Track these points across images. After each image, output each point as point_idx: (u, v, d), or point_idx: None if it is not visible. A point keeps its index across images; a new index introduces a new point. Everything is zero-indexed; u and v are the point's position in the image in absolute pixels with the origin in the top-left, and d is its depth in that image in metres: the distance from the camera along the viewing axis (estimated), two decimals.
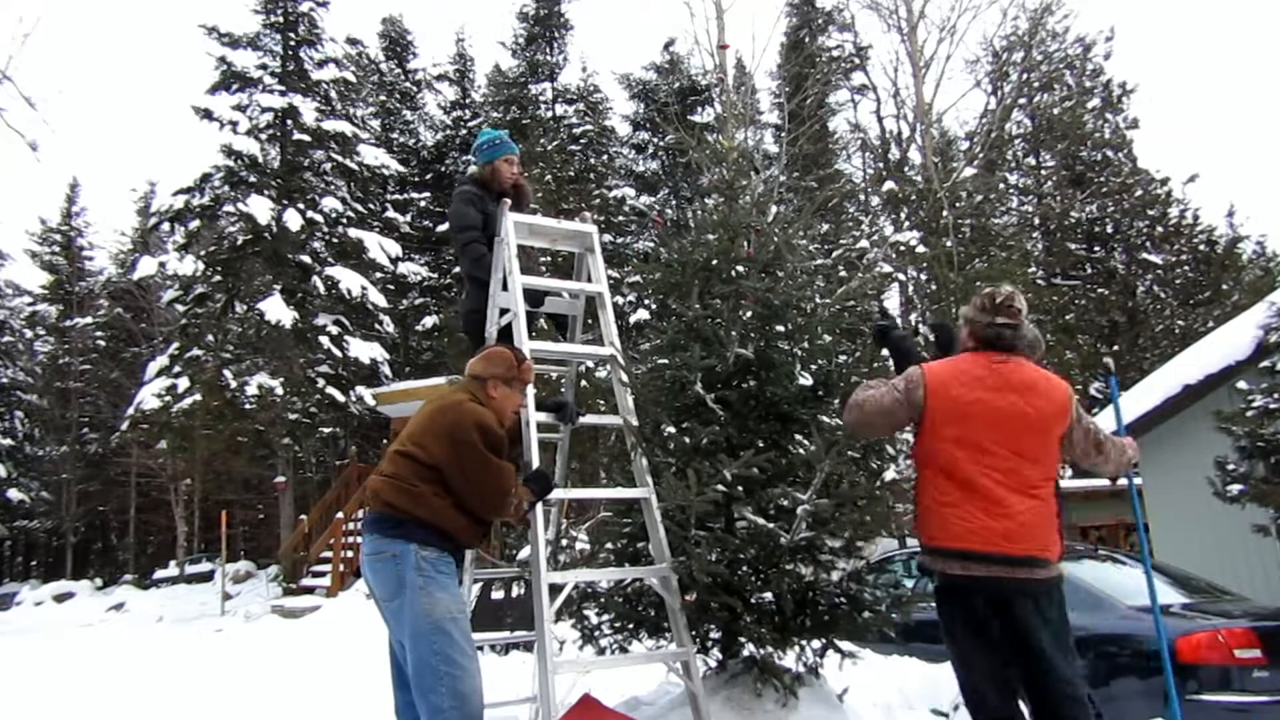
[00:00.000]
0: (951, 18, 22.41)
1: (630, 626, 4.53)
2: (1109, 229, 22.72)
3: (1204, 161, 58.63)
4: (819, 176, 24.97)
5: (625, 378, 4.27)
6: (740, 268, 4.62)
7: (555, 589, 3.80)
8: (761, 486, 4.20)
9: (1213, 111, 63.81)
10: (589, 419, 4.67)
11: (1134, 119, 24.33)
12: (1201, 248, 22.31)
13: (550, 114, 28.70)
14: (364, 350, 20.07)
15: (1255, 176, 53.22)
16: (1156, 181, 22.35)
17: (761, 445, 4.15)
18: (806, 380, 4.50)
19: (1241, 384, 9.09)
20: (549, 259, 17.28)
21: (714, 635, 4.47)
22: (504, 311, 4.35)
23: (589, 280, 4.58)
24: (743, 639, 4.30)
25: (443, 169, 28.75)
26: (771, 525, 4.05)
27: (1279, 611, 5.67)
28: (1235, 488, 8.72)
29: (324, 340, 19.64)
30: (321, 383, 19.72)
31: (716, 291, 4.53)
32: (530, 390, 3.91)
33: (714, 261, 4.60)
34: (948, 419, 3.26)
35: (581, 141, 27.63)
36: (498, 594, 5.41)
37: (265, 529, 30.17)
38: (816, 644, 4.40)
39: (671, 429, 4.39)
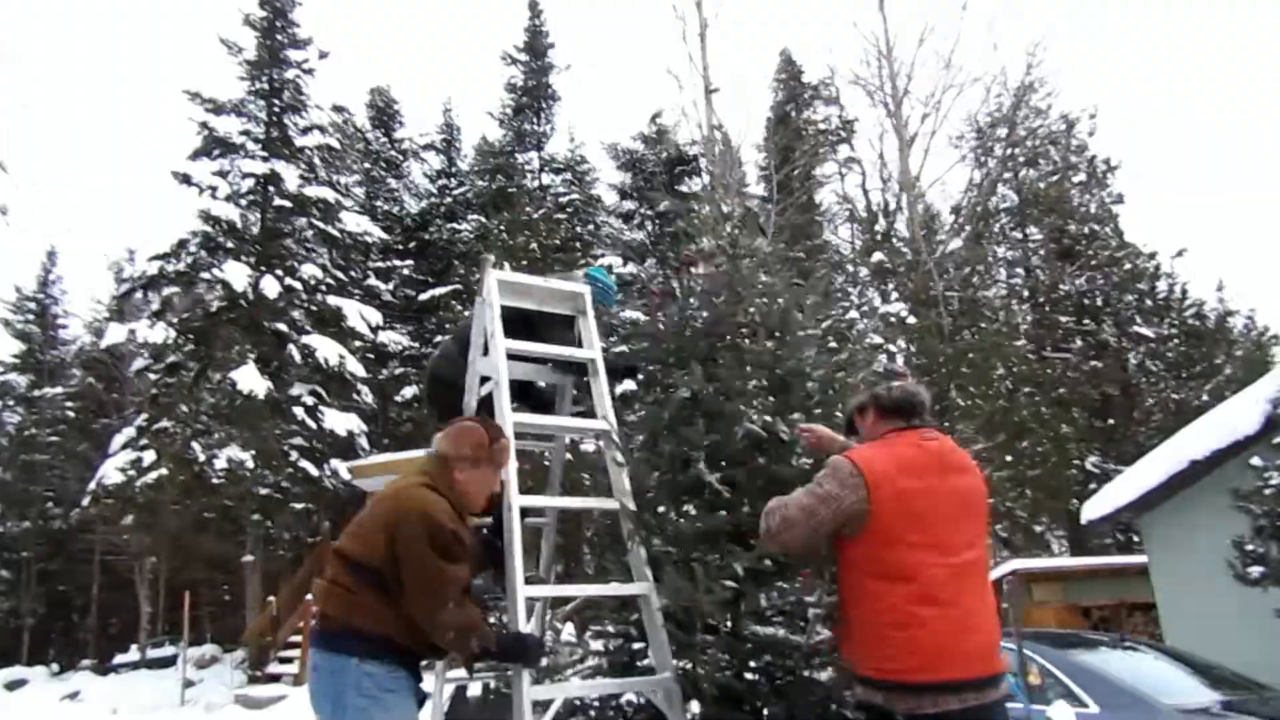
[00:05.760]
0: (936, 94, 22.68)
1: None
2: (1099, 302, 22.64)
3: (1190, 236, 59.67)
4: (806, 247, 24.89)
5: (620, 457, 3.79)
6: (744, 331, 4.22)
7: (540, 705, 3.24)
8: (773, 578, 3.71)
9: (1198, 187, 65.06)
10: (578, 502, 4.18)
11: (1119, 194, 24.49)
12: (1191, 321, 22.23)
13: (536, 183, 28.63)
14: (340, 421, 19.48)
15: (1242, 251, 54.13)
16: (1144, 255, 22.35)
17: None
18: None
19: (1256, 460, 8.75)
20: None
21: None
22: (485, 380, 3.90)
23: (579, 345, 4.14)
24: None
25: (426, 236, 28.55)
26: (781, 633, 3.56)
27: None
28: (1256, 570, 8.34)
29: (298, 411, 19.04)
30: (295, 455, 19.03)
31: (722, 360, 4.10)
32: (513, 468, 3.42)
33: (718, 326, 4.19)
34: (902, 518, 2.76)
35: (568, 210, 27.50)
36: (474, 690, 4.85)
37: (233, 610, 29.01)
38: None
39: (670, 512, 3.92)
